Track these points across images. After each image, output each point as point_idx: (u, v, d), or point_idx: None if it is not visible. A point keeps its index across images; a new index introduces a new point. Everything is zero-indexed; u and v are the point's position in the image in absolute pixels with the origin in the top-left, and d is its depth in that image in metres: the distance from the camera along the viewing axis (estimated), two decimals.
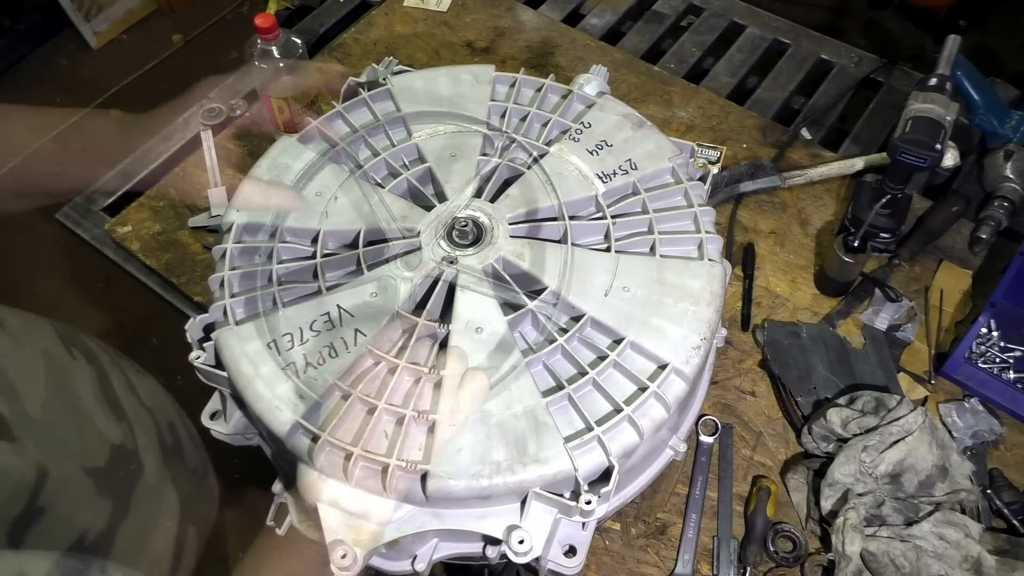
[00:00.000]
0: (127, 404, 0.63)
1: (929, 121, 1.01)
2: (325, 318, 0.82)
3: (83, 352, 0.62)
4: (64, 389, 0.56)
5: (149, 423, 0.65)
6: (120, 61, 2.99)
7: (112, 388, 0.62)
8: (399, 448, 0.75)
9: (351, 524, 0.76)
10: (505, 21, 1.51)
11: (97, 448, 0.56)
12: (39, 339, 0.58)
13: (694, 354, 0.81)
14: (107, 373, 0.63)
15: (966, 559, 0.86)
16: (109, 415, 0.59)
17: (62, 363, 0.59)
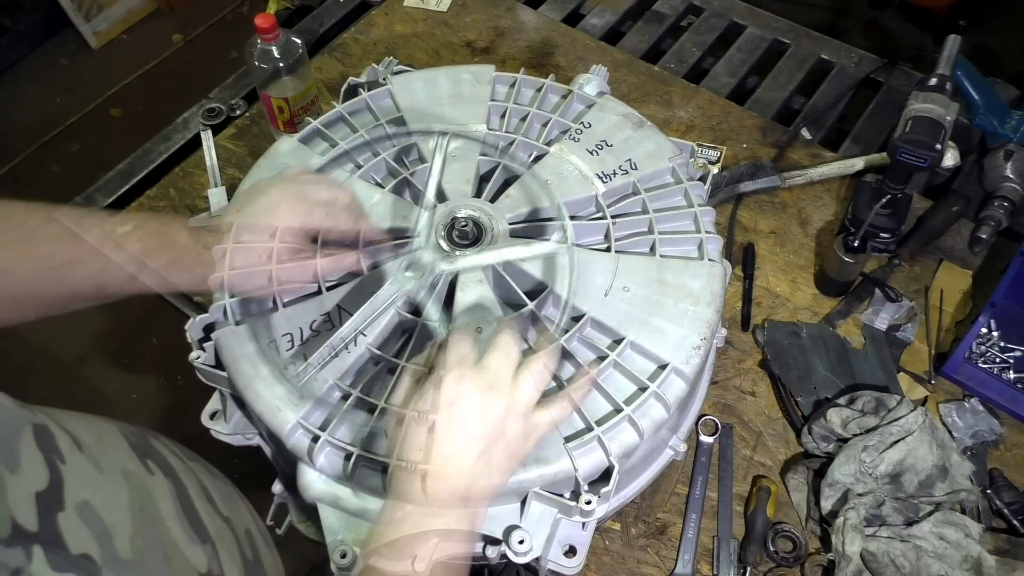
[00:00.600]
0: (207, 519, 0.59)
1: (929, 121, 1.01)
2: (325, 318, 0.82)
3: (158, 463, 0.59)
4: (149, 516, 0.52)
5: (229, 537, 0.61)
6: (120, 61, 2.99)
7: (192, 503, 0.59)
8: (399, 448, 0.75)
9: (351, 524, 0.76)
10: (505, 21, 1.51)
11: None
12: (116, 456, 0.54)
13: (694, 354, 0.81)
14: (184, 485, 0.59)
15: (966, 559, 0.86)
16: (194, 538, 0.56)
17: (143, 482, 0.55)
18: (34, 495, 0.43)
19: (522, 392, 0.64)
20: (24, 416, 0.47)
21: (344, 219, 0.76)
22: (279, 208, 0.70)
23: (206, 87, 1.43)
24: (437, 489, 0.60)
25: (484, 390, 0.63)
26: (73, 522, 0.45)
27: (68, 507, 0.45)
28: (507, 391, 0.64)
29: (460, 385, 0.63)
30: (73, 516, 0.45)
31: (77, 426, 0.53)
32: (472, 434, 0.62)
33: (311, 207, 0.72)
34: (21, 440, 0.45)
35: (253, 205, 0.71)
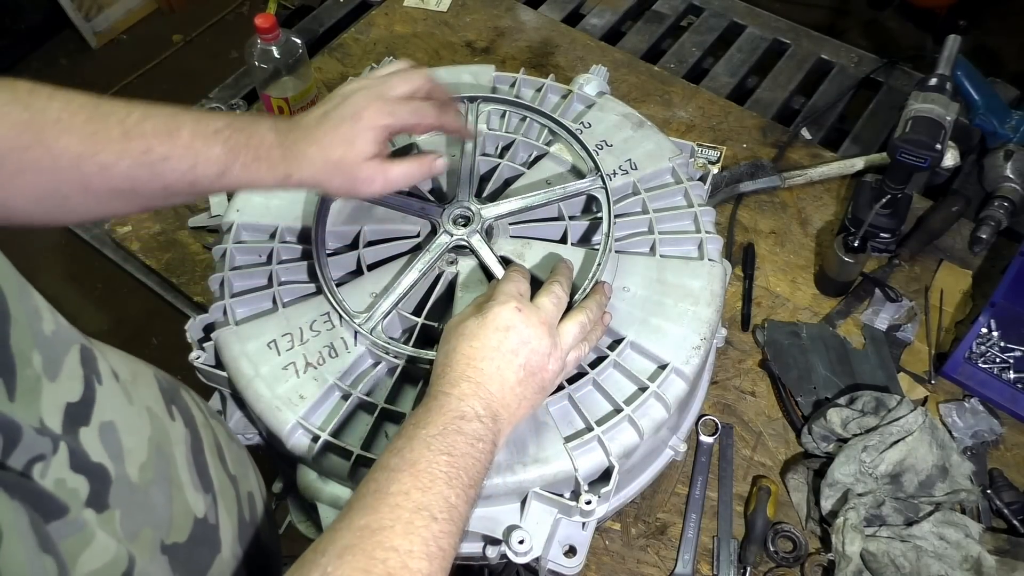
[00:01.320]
0: (214, 472, 0.62)
1: (929, 121, 1.01)
2: (325, 318, 0.82)
3: (181, 412, 0.61)
4: (162, 453, 0.55)
5: (231, 494, 0.63)
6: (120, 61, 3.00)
7: (203, 455, 0.61)
8: None
9: None
10: (505, 21, 1.51)
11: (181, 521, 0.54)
12: (145, 394, 0.57)
13: (694, 354, 0.81)
14: (200, 437, 0.62)
15: (966, 559, 0.86)
16: (198, 486, 0.58)
17: (163, 424, 0.57)
18: (64, 404, 0.46)
19: (565, 335, 0.70)
20: (75, 336, 0.50)
21: (429, 113, 0.76)
22: (366, 111, 0.72)
23: (206, 87, 1.43)
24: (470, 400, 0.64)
25: (536, 324, 0.68)
26: (93, 438, 0.47)
27: (92, 424, 0.48)
28: (554, 331, 0.69)
29: (515, 314, 0.67)
30: (95, 432, 0.48)
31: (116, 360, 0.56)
32: (516, 361, 0.66)
33: (395, 106, 0.73)
34: (68, 354, 0.48)
35: (338, 110, 0.72)
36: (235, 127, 0.67)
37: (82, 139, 0.61)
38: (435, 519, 0.54)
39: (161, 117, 0.64)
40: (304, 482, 0.78)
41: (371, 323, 0.79)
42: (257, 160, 0.68)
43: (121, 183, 0.63)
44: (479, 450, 0.61)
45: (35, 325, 0.46)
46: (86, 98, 0.62)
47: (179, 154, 0.64)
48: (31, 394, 0.43)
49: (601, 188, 0.89)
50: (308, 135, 0.71)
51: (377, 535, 0.52)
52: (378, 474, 0.57)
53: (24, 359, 0.43)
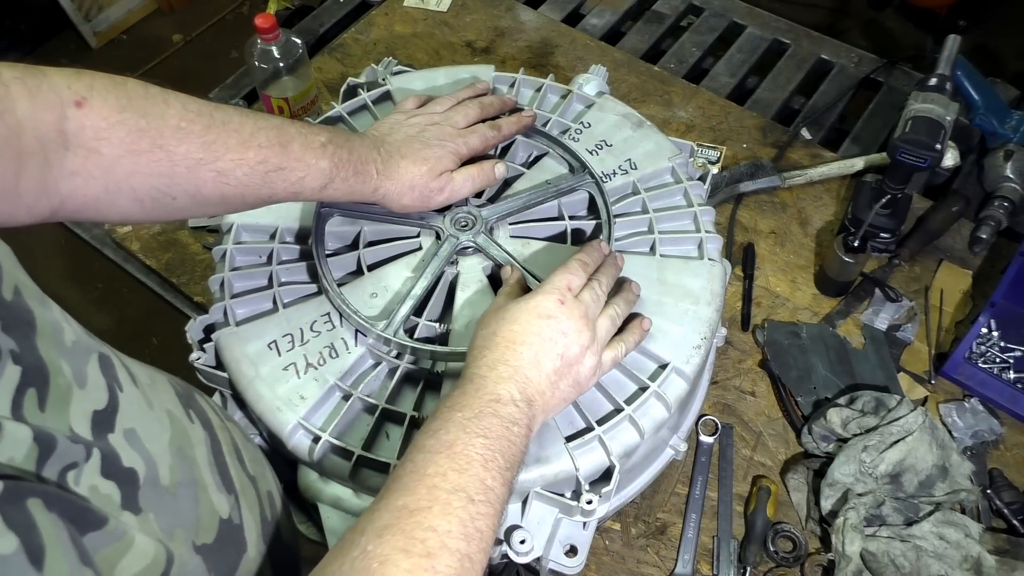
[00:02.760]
0: (234, 473, 0.62)
1: (929, 121, 1.01)
2: (326, 318, 0.83)
3: (198, 415, 0.62)
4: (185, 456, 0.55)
5: (252, 494, 0.64)
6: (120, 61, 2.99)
7: (223, 457, 0.62)
8: (400, 448, 0.75)
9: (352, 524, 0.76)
10: (505, 21, 1.51)
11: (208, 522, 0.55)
12: (164, 398, 0.57)
13: (694, 353, 0.81)
14: (218, 439, 0.63)
15: (966, 559, 0.86)
16: (220, 487, 0.58)
17: (184, 426, 0.58)
18: (91, 412, 0.46)
19: (601, 331, 0.71)
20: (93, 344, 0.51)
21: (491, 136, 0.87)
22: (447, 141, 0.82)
23: (206, 87, 1.43)
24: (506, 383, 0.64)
25: (577, 317, 0.69)
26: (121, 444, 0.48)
27: (117, 431, 0.48)
28: (593, 327, 0.70)
29: (558, 305, 0.69)
30: (121, 438, 0.48)
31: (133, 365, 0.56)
32: (554, 349, 0.67)
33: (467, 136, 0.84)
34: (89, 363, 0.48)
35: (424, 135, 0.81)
36: (337, 142, 0.71)
37: (202, 147, 0.63)
38: (472, 500, 0.54)
39: (272, 129, 0.67)
40: (305, 483, 0.78)
41: (392, 328, 0.79)
42: (356, 175, 0.73)
43: (233, 190, 0.66)
44: (514, 434, 0.61)
45: (58, 335, 0.46)
46: (199, 104, 0.65)
47: (292, 166, 0.68)
48: (61, 403, 0.44)
49: (592, 183, 0.90)
50: (399, 151, 0.77)
51: (416, 515, 0.52)
52: (415, 455, 0.57)
53: (56, 368, 0.44)
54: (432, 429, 0.60)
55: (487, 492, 0.56)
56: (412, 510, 0.52)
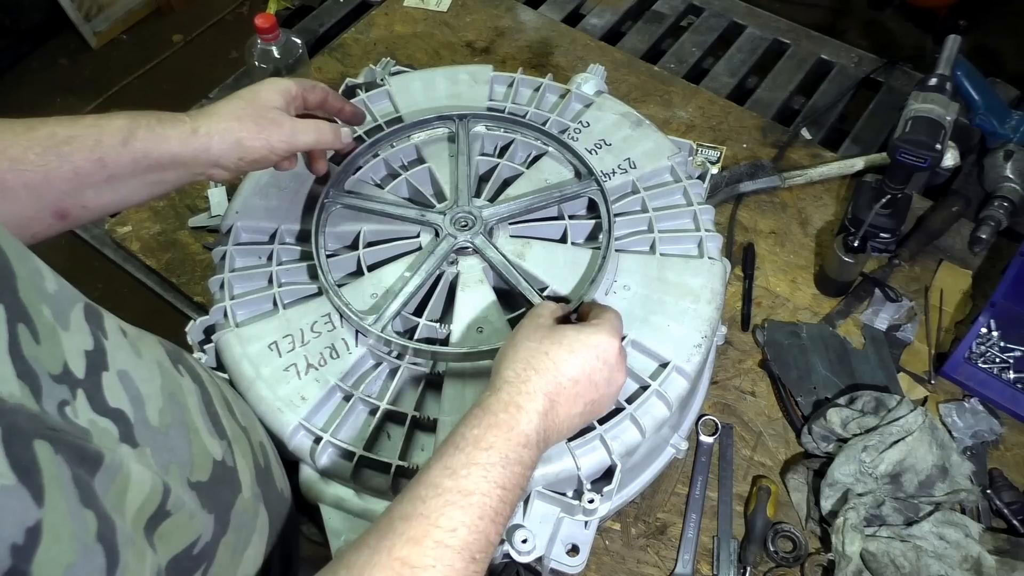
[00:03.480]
0: (226, 422, 0.63)
1: (929, 121, 1.01)
2: (326, 319, 0.83)
3: (187, 370, 0.62)
4: (176, 401, 0.56)
5: (244, 442, 0.64)
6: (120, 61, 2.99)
7: (214, 407, 0.62)
8: (401, 448, 0.75)
9: (354, 525, 0.76)
10: (505, 21, 1.51)
11: (202, 462, 0.55)
12: (153, 351, 0.58)
13: (695, 352, 0.81)
14: (208, 392, 0.63)
15: (966, 559, 0.86)
16: (212, 432, 0.59)
17: (173, 376, 0.58)
18: (84, 351, 0.47)
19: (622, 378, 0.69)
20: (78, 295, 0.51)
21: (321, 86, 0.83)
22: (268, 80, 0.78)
23: (206, 87, 1.43)
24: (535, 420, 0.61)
25: (620, 364, 0.67)
26: (114, 383, 0.49)
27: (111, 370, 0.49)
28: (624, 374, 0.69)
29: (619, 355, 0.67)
30: (115, 378, 0.49)
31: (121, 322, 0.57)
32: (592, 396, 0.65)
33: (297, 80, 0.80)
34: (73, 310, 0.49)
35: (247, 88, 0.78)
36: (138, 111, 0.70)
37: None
38: (474, 559, 0.52)
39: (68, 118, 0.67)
40: (306, 484, 0.78)
41: (380, 323, 0.79)
42: (161, 122, 0.70)
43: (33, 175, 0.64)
44: (525, 479, 0.59)
45: (38, 282, 0.46)
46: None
47: (82, 132, 0.66)
48: (53, 339, 0.44)
49: (597, 191, 0.90)
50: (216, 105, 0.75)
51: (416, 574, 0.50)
52: (428, 493, 0.54)
53: (36, 310, 0.44)
54: (451, 467, 0.56)
55: (487, 549, 0.54)
56: (413, 567, 0.50)
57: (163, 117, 0.71)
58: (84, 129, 0.66)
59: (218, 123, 0.72)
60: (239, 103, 0.74)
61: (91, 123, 0.67)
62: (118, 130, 0.68)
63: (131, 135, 0.68)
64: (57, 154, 0.65)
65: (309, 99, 0.81)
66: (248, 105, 0.74)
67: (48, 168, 0.65)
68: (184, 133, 0.71)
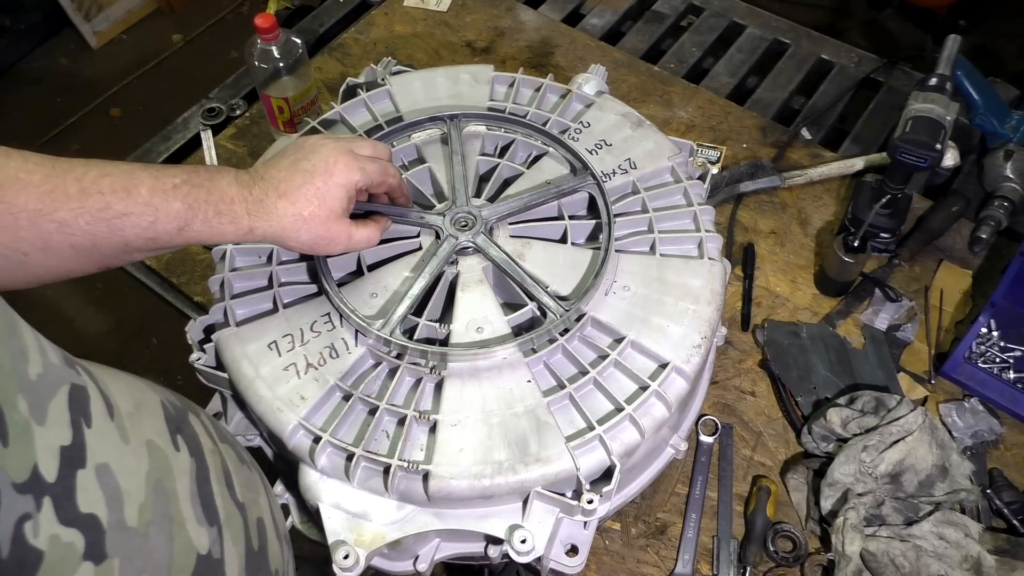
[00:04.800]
0: (220, 502, 0.60)
1: (929, 121, 1.01)
2: (326, 319, 0.83)
3: (187, 440, 0.60)
4: (162, 491, 0.54)
5: (239, 523, 0.62)
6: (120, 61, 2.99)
7: (209, 485, 0.60)
8: (400, 448, 0.75)
9: (353, 525, 0.76)
10: (505, 21, 1.51)
11: (183, 561, 0.53)
12: (147, 427, 0.56)
13: (695, 353, 0.81)
14: (206, 466, 0.61)
15: (966, 559, 0.86)
16: (202, 520, 0.57)
17: (165, 457, 0.56)
18: (59, 448, 0.44)
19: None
20: (65, 376, 0.49)
21: (393, 173, 0.80)
22: (337, 165, 0.73)
23: (206, 87, 1.43)
24: None
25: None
26: (90, 481, 0.46)
27: (89, 466, 0.46)
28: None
29: None
30: (92, 475, 0.46)
31: (120, 391, 0.54)
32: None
33: (364, 163, 0.76)
34: (54, 398, 0.46)
35: (309, 162, 0.73)
36: (193, 182, 0.68)
37: (39, 196, 0.61)
38: None
39: (119, 174, 0.65)
40: (306, 483, 0.78)
41: (388, 327, 0.79)
42: (219, 215, 0.68)
43: (81, 240, 0.63)
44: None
45: (21, 368, 0.44)
46: (42, 157, 0.63)
47: (138, 211, 0.65)
48: (24, 438, 0.42)
49: (594, 184, 0.90)
50: (277, 188, 0.71)
51: None
52: None
53: (10, 404, 0.42)
54: None
55: None
56: None
57: (222, 209, 0.69)
58: (140, 207, 0.65)
59: (278, 227, 0.71)
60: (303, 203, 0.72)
61: (147, 202, 0.65)
62: (175, 216, 0.66)
63: (187, 225, 0.67)
64: (108, 227, 0.64)
65: (374, 191, 0.81)
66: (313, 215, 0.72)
67: (97, 237, 0.64)
68: (240, 232, 0.70)
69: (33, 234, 0.61)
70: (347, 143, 0.76)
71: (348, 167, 0.73)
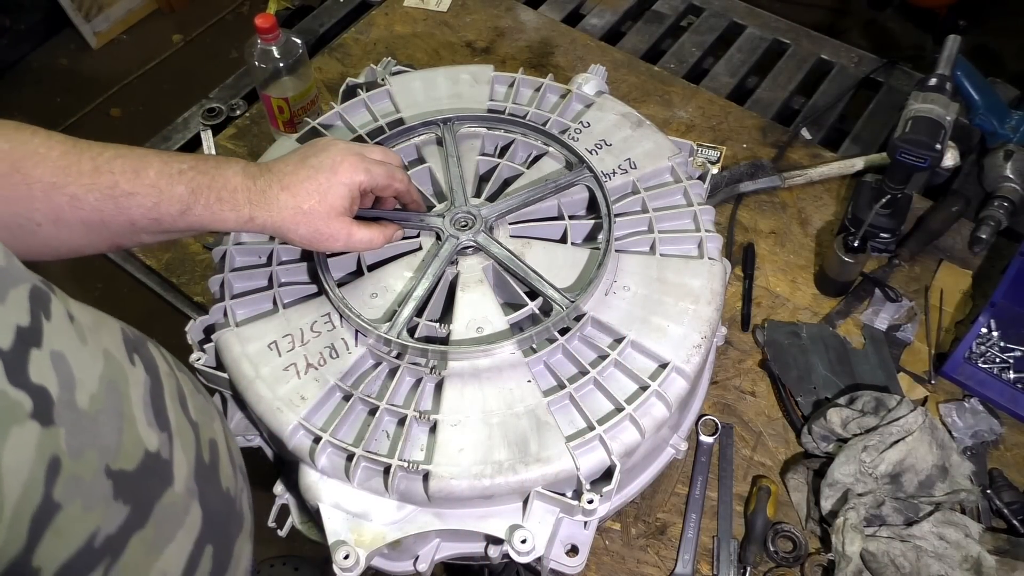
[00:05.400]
0: (173, 415, 0.62)
1: (929, 121, 1.01)
2: (326, 319, 0.83)
3: (143, 360, 0.62)
4: (115, 389, 0.56)
5: (190, 436, 0.64)
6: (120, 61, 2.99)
7: (162, 400, 0.62)
8: (401, 448, 0.75)
9: (353, 525, 0.76)
10: (505, 21, 1.51)
11: (130, 451, 0.55)
12: (104, 340, 0.58)
13: (695, 352, 0.81)
14: (161, 384, 0.63)
15: (966, 559, 0.86)
16: (152, 424, 0.58)
17: (120, 366, 0.58)
18: (15, 326, 0.46)
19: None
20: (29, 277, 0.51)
21: (400, 177, 0.81)
22: (343, 164, 0.75)
23: (206, 87, 1.43)
24: None
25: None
26: (43, 362, 0.47)
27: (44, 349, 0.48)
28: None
29: None
30: (46, 357, 0.48)
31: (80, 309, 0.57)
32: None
33: (371, 165, 0.77)
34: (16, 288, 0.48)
35: (317, 159, 0.75)
36: (200, 168, 0.70)
37: (55, 171, 0.64)
38: None
39: (132, 157, 0.68)
40: (306, 483, 0.78)
41: (395, 330, 0.79)
42: (220, 201, 0.70)
43: (90, 215, 0.66)
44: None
45: None
46: (65, 137, 0.66)
47: (144, 191, 0.67)
48: None
49: (591, 177, 0.90)
50: (281, 181, 0.73)
51: None
52: None
53: None
54: None
55: None
56: None
57: (223, 195, 0.71)
58: (146, 189, 0.68)
59: (278, 218, 0.73)
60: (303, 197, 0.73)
61: (153, 183, 0.68)
62: (178, 200, 0.69)
63: (189, 209, 0.70)
64: (115, 204, 0.67)
65: (380, 194, 0.82)
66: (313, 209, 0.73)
67: (105, 214, 0.67)
68: (241, 219, 0.72)
69: (46, 206, 0.65)
70: (359, 147, 0.79)
71: (354, 167, 0.75)
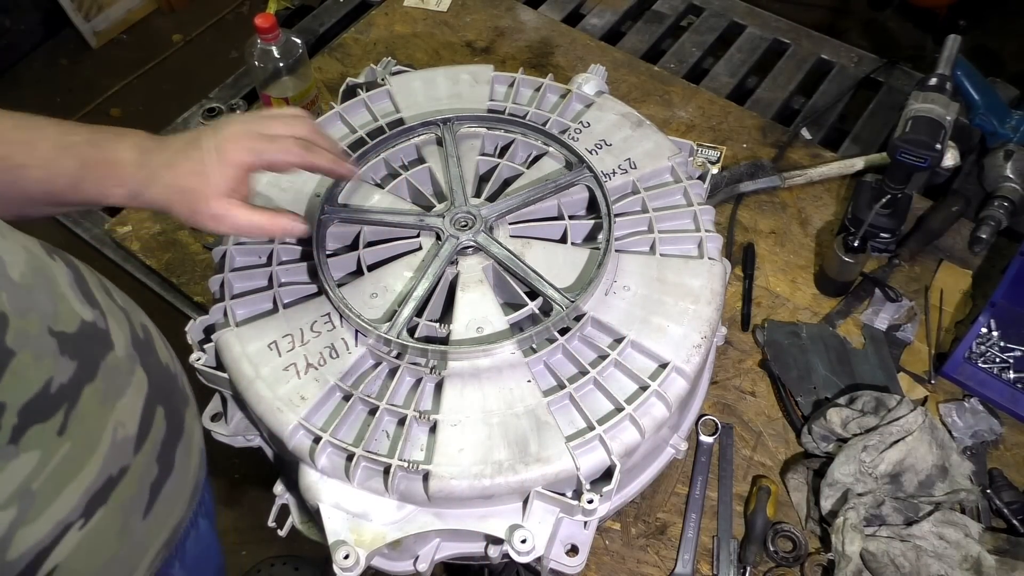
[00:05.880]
0: (101, 298, 0.64)
1: (929, 121, 1.01)
2: (326, 319, 0.82)
3: (62, 258, 0.64)
4: (43, 273, 0.57)
5: (122, 317, 0.66)
6: (120, 61, 2.99)
7: (87, 284, 0.64)
8: (401, 448, 0.75)
9: (353, 525, 0.76)
10: (505, 21, 1.51)
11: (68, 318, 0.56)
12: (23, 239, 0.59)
13: (695, 352, 0.81)
14: (83, 274, 0.65)
15: (966, 559, 0.86)
16: (83, 301, 0.61)
17: (43, 258, 0.60)
18: None
19: None
20: None
21: (295, 152, 0.75)
22: (230, 145, 0.72)
23: (206, 87, 1.43)
24: None
25: None
26: None
27: None
28: None
29: None
30: None
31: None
32: None
33: (263, 144, 0.73)
34: None
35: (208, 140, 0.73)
36: (93, 141, 0.69)
37: None
38: None
39: (29, 128, 0.68)
40: (306, 483, 0.78)
41: (396, 330, 0.79)
42: (108, 177, 0.70)
43: None
44: None
45: None
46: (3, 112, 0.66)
47: (35, 164, 0.67)
48: None
49: (591, 176, 0.90)
50: (169, 159, 0.72)
51: None
52: None
53: None
54: None
55: None
56: None
57: (111, 171, 0.70)
58: (36, 161, 0.67)
59: (161, 196, 0.71)
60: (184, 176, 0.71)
61: (44, 155, 0.67)
62: (67, 174, 0.68)
63: (79, 184, 0.69)
64: (10, 175, 0.66)
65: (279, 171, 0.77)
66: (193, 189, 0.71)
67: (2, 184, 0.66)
68: (125, 196, 0.71)
69: None
70: (257, 124, 0.75)
71: (241, 149, 0.72)
